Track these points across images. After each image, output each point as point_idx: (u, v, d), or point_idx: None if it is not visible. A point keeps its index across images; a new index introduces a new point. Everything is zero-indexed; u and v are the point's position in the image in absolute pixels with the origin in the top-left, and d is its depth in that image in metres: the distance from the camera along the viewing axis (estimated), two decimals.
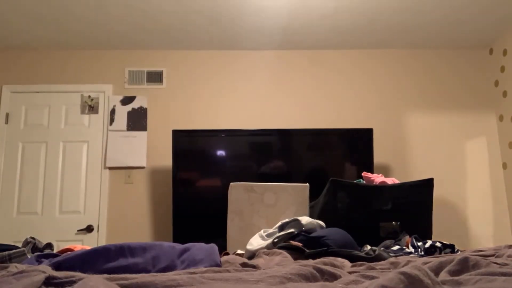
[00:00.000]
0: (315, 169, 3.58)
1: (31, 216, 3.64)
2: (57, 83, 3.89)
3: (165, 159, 3.75)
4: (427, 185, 2.16)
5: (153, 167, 3.77)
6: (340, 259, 1.14)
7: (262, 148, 3.64)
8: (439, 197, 3.76)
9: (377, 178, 2.43)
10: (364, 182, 2.45)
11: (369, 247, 1.46)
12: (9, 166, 3.72)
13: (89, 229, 3.64)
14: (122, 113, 3.85)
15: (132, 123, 3.83)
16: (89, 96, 3.88)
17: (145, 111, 3.86)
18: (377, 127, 3.85)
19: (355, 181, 2.42)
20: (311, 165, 3.59)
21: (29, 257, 1.13)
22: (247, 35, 3.74)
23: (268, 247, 1.37)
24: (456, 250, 1.52)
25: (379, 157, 3.76)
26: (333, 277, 0.79)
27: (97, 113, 3.86)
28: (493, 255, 1.14)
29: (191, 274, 0.77)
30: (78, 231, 3.62)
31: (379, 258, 1.24)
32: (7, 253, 1.19)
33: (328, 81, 4.00)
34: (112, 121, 3.83)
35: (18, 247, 1.30)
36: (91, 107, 3.87)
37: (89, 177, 3.74)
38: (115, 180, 3.75)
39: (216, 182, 3.48)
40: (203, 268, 0.90)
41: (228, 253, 1.42)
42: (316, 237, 1.35)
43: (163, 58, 3.99)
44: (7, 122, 3.80)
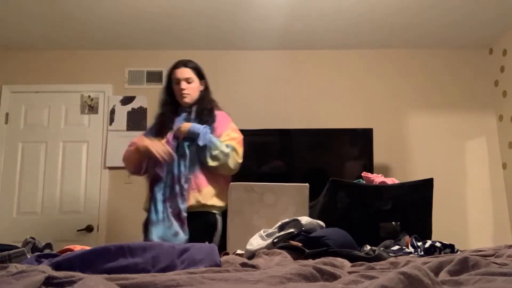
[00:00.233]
0: (315, 169, 3.58)
1: (31, 216, 3.64)
2: (57, 83, 3.89)
3: None
4: (427, 185, 2.16)
5: None
6: (340, 259, 1.14)
7: (262, 148, 3.64)
8: (439, 197, 3.75)
9: (377, 178, 2.43)
10: (364, 182, 2.45)
11: (369, 247, 1.46)
12: (9, 166, 3.72)
13: (89, 229, 3.64)
14: (122, 113, 3.85)
15: (132, 123, 3.83)
16: (89, 96, 3.88)
17: (145, 111, 3.86)
18: (377, 127, 3.85)
19: (355, 181, 2.41)
20: (311, 165, 3.59)
21: (29, 257, 1.13)
22: (247, 35, 3.74)
23: (268, 247, 1.37)
24: (456, 250, 1.52)
25: (379, 157, 3.76)
26: (333, 277, 0.79)
27: (97, 113, 3.86)
28: (493, 255, 1.14)
29: (191, 274, 0.77)
30: (78, 231, 3.62)
31: (379, 258, 1.24)
32: (6, 253, 1.19)
33: (328, 81, 4.00)
34: (112, 121, 3.83)
35: (18, 247, 1.30)
36: (91, 107, 3.87)
37: (89, 177, 3.74)
38: (115, 180, 3.75)
39: None
40: (203, 268, 0.90)
41: (228, 253, 1.42)
42: (316, 237, 1.35)
43: (163, 58, 3.98)
44: (7, 122, 3.80)
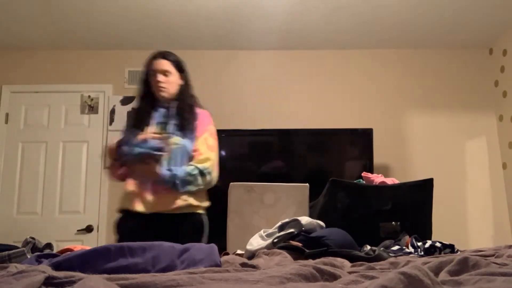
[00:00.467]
0: (315, 169, 3.58)
1: (31, 216, 3.64)
2: (57, 83, 3.89)
3: None
4: (427, 185, 2.16)
5: None
6: (340, 259, 1.14)
7: (262, 148, 3.64)
8: (439, 197, 3.75)
9: (377, 178, 2.43)
10: (364, 182, 2.45)
11: (369, 247, 1.46)
12: (9, 166, 3.72)
13: (89, 229, 3.64)
14: (122, 113, 3.84)
15: None
16: (89, 96, 3.88)
17: None
18: (377, 127, 3.85)
19: (355, 181, 2.41)
20: (311, 165, 3.59)
21: (29, 257, 1.13)
22: (247, 35, 3.74)
23: (268, 247, 1.37)
24: (456, 250, 1.52)
25: (379, 157, 3.76)
26: (333, 277, 0.79)
27: (97, 113, 3.86)
28: (493, 255, 1.14)
29: (191, 274, 0.77)
30: (78, 231, 3.62)
31: (379, 258, 1.24)
32: (6, 253, 1.19)
33: (328, 81, 4.00)
34: (112, 121, 3.83)
35: (18, 247, 1.30)
36: (91, 107, 3.87)
37: (89, 177, 3.74)
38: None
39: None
40: (203, 268, 0.90)
41: (228, 253, 1.42)
42: (316, 237, 1.35)
43: None
44: (7, 122, 3.80)
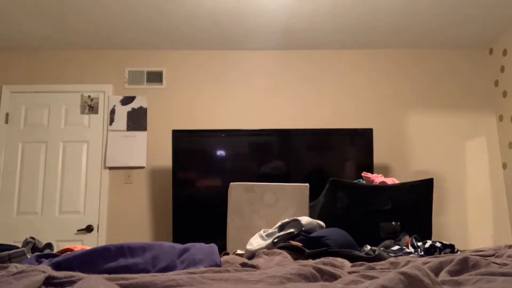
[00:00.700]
0: (315, 169, 3.58)
1: (31, 216, 3.64)
2: (57, 83, 3.89)
3: (165, 159, 3.75)
4: (427, 185, 2.16)
5: (153, 167, 3.77)
6: (340, 259, 1.14)
7: (262, 148, 3.64)
8: (439, 197, 3.76)
9: (377, 178, 2.43)
10: (364, 182, 2.45)
11: (369, 247, 1.46)
12: (9, 166, 3.72)
13: (89, 229, 3.64)
14: (122, 113, 3.85)
15: (132, 123, 3.83)
16: (89, 96, 3.88)
17: (145, 111, 3.86)
18: (377, 127, 3.85)
19: (355, 181, 2.41)
20: (311, 165, 3.59)
21: (29, 257, 1.13)
22: (247, 35, 3.74)
23: (268, 247, 1.37)
24: (456, 250, 1.52)
25: (379, 157, 3.76)
26: (333, 277, 0.79)
27: (97, 113, 3.86)
28: (493, 255, 1.14)
29: (191, 274, 0.77)
30: (78, 231, 3.62)
31: (379, 258, 1.24)
32: (7, 253, 1.19)
33: (328, 81, 4.00)
34: (112, 121, 3.83)
35: (18, 247, 1.30)
36: (91, 107, 3.87)
37: (89, 177, 3.74)
38: (115, 180, 3.75)
39: (216, 182, 3.48)
40: (203, 268, 0.90)
41: (228, 253, 1.42)
42: (316, 237, 1.35)
43: (163, 58, 3.99)
44: (7, 122, 3.80)
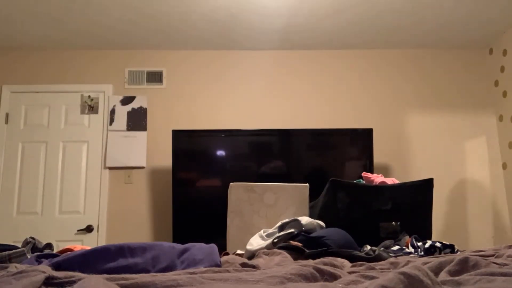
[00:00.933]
0: (315, 169, 3.58)
1: (31, 216, 3.64)
2: (57, 83, 3.89)
3: (165, 159, 3.75)
4: (427, 185, 2.16)
5: (153, 167, 3.77)
6: (340, 259, 1.14)
7: (262, 148, 3.64)
8: (439, 197, 3.76)
9: (377, 178, 2.43)
10: (364, 182, 2.45)
11: (369, 247, 1.46)
12: (9, 166, 3.72)
13: (89, 229, 3.64)
14: (122, 113, 3.85)
15: (132, 123, 3.83)
16: (89, 96, 3.88)
17: (145, 111, 3.86)
18: (377, 127, 3.86)
19: (355, 181, 2.41)
20: (311, 165, 3.59)
21: (29, 257, 1.13)
22: (247, 35, 3.74)
23: (268, 247, 1.37)
24: (456, 250, 1.52)
25: (379, 157, 3.76)
26: (333, 277, 0.79)
27: (97, 113, 3.86)
28: (493, 255, 1.14)
29: (191, 274, 0.77)
30: (78, 231, 3.62)
31: (379, 258, 1.24)
32: (6, 253, 1.19)
33: (328, 81, 4.00)
34: (112, 121, 3.83)
35: (18, 247, 1.30)
36: (91, 107, 3.87)
37: (89, 177, 3.74)
38: (115, 180, 3.75)
39: (216, 182, 3.48)
40: (203, 268, 0.90)
41: (228, 253, 1.42)
42: (316, 237, 1.35)
43: (163, 58, 3.99)
44: (7, 122, 3.80)
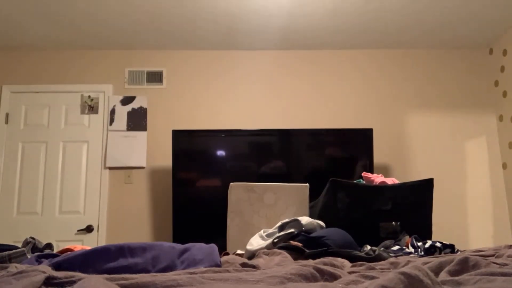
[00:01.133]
0: (315, 169, 3.58)
1: (31, 216, 3.64)
2: (57, 83, 3.89)
3: (165, 159, 3.75)
4: (427, 185, 2.16)
5: (153, 167, 3.77)
6: (340, 259, 1.14)
7: (262, 148, 3.64)
8: (439, 197, 3.76)
9: (377, 178, 2.43)
10: (364, 182, 2.45)
11: (369, 247, 1.46)
12: (9, 166, 3.72)
13: (89, 229, 3.64)
14: (122, 113, 3.85)
15: (132, 123, 3.83)
16: (89, 96, 3.88)
17: (145, 111, 3.86)
18: (377, 127, 3.86)
19: (355, 181, 2.41)
20: (311, 165, 3.59)
21: (29, 257, 1.13)
22: (247, 35, 3.74)
23: (268, 247, 1.37)
24: (456, 250, 1.52)
25: (379, 157, 3.76)
26: (333, 277, 0.79)
27: (97, 113, 3.86)
28: (493, 255, 1.14)
29: (191, 274, 0.77)
30: (78, 231, 3.62)
31: (379, 258, 1.24)
32: (7, 253, 1.19)
33: (328, 81, 4.00)
34: (112, 121, 3.83)
35: (18, 247, 1.30)
36: (91, 107, 3.87)
37: (89, 177, 3.74)
38: (115, 180, 3.75)
39: (216, 182, 3.48)
40: (203, 268, 0.90)
41: (228, 253, 1.42)
42: (316, 237, 1.35)
43: (163, 58, 3.99)
44: (7, 122, 3.80)
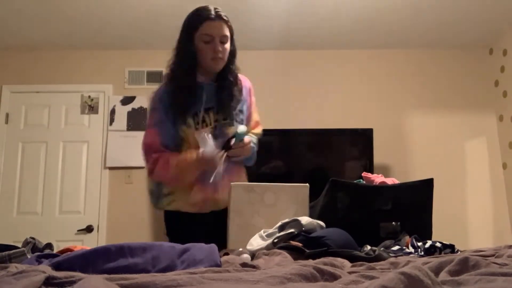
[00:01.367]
0: (315, 169, 3.58)
1: (31, 216, 3.64)
2: (57, 83, 3.89)
3: None
4: (427, 185, 2.15)
5: None
6: (340, 259, 1.14)
7: (262, 148, 3.63)
8: (439, 197, 3.74)
9: (377, 178, 2.43)
10: (364, 182, 2.45)
11: (369, 247, 1.46)
12: (9, 166, 3.72)
13: (89, 229, 3.64)
14: (122, 113, 3.85)
15: (132, 123, 3.83)
16: (89, 96, 3.88)
17: (145, 111, 3.86)
18: (377, 127, 3.85)
19: (355, 181, 2.41)
20: (311, 165, 3.59)
21: (29, 257, 1.13)
22: (246, 35, 3.74)
23: (268, 247, 1.37)
24: (456, 250, 1.52)
25: (379, 157, 3.76)
26: (333, 277, 0.79)
27: (97, 113, 3.86)
28: (493, 255, 1.14)
29: (191, 274, 0.77)
30: (78, 231, 3.62)
31: (379, 258, 1.24)
32: (7, 253, 1.19)
33: (328, 81, 4.00)
34: (112, 121, 3.83)
35: (18, 247, 1.30)
36: (91, 107, 3.87)
37: (89, 177, 3.74)
38: (115, 180, 3.75)
39: None
40: (203, 268, 0.90)
41: (228, 253, 1.42)
42: (316, 237, 1.35)
43: (163, 58, 3.96)
44: (7, 122, 3.80)
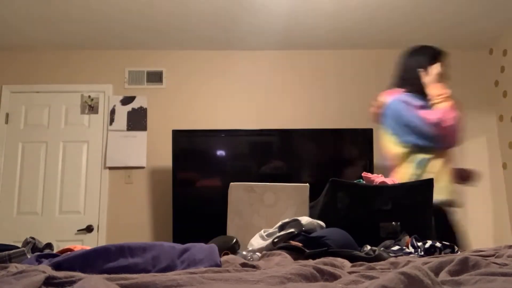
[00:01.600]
0: (315, 169, 3.58)
1: (31, 216, 3.64)
2: (57, 83, 3.89)
3: (165, 159, 3.75)
4: (427, 185, 2.15)
5: (153, 167, 3.77)
6: (340, 259, 1.14)
7: (262, 148, 3.64)
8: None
9: (377, 178, 2.43)
10: (364, 182, 2.45)
11: (369, 247, 1.46)
12: (9, 166, 3.72)
13: (89, 229, 3.64)
14: (122, 113, 3.85)
15: (132, 123, 3.83)
16: (89, 96, 3.88)
17: (145, 111, 3.86)
18: (377, 127, 3.85)
19: (355, 181, 2.41)
20: (311, 165, 3.59)
21: (29, 257, 1.13)
22: (247, 35, 3.74)
23: (268, 247, 1.37)
24: (456, 250, 1.52)
25: (379, 157, 3.75)
26: (333, 277, 0.79)
27: (97, 113, 3.86)
28: (493, 255, 1.14)
29: (191, 274, 0.77)
30: (78, 231, 3.62)
31: (379, 258, 1.24)
32: (6, 253, 1.19)
33: (328, 81, 4.00)
34: (112, 121, 3.83)
35: (18, 247, 1.30)
36: (91, 107, 3.87)
37: (89, 177, 3.74)
38: (115, 180, 3.75)
39: (216, 182, 3.48)
40: (203, 268, 0.90)
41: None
42: (316, 237, 1.35)
43: (163, 58, 3.99)
44: (7, 122, 3.80)
